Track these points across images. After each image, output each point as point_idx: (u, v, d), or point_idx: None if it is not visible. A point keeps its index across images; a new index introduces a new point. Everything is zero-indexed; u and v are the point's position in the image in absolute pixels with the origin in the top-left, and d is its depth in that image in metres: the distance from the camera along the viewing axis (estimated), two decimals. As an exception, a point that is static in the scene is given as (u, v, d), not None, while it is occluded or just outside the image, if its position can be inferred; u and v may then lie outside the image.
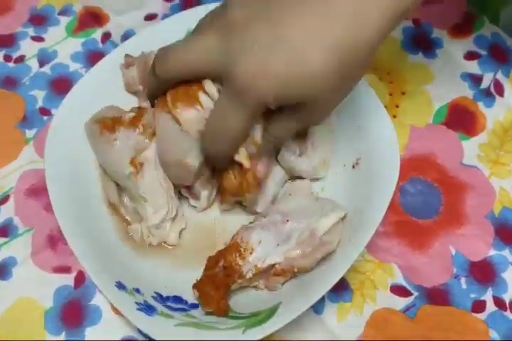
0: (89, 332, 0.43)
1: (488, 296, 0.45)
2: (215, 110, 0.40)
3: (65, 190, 0.45)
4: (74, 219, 0.44)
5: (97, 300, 0.45)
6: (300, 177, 0.47)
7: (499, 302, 0.44)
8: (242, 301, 0.43)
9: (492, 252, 0.46)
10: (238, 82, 0.37)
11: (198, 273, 0.43)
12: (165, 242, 0.46)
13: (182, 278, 0.44)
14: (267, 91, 0.37)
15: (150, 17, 0.58)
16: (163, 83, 0.42)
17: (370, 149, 0.46)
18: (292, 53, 0.36)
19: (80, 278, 0.45)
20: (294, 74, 0.36)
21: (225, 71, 0.37)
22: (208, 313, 0.41)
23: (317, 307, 0.44)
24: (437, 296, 0.45)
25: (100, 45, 0.57)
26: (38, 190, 0.49)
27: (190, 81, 0.41)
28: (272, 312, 0.40)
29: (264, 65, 0.36)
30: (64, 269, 0.46)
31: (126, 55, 0.50)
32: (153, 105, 0.45)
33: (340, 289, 0.44)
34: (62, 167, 0.46)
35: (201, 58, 0.39)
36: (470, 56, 0.55)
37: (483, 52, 0.55)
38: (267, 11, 0.37)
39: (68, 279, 0.45)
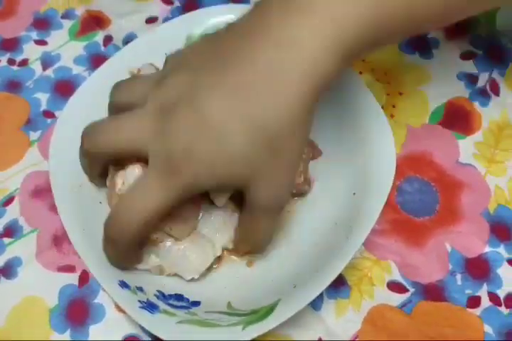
0: (93, 330, 0.44)
1: (483, 292, 0.45)
2: (136, 186, 0.39)
3: (69, 190, 0.46)
4: (78, 219, 0.45)
5: (101, 299, 0.45)
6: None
7: (494, 298, 0.45)
8: (242, 298, 0.43)
9: (487, 249, 0.47)
10: (167, 163, 0.38)
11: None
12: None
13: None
14: (193, 174, 0.37)
15: (151, 20, 0.59)
16: (95, 161, 0.43)
17: (366, 148, 0.46)
18: (214, 138, 0.37)
19: (85, 277, 0.46)
20: (217, 157, 0.37)
21: (154, 150, 0.38)
22: None
23: (315, 304, 0.44)
24: (433, 292, 0.45)
25: (102, 48, 0.57)
26: (42, 191, 0.50)
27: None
28: (271, 309, 0.40)
29: (190, 149, 0.37)
30: (68, 268, 0.47)
31: None
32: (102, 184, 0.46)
33: (338, 286, 0.45)
34: (66, 168, 0.47)
35: (132, 138, 0.39)
36: (466, 56, 0.56)
37: (479, 52, 0.56)
38: (194, 92, 0.37)
39: (73, 278, 0.46)
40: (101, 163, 0.44)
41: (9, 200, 0.50)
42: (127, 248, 0.40)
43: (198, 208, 0.44)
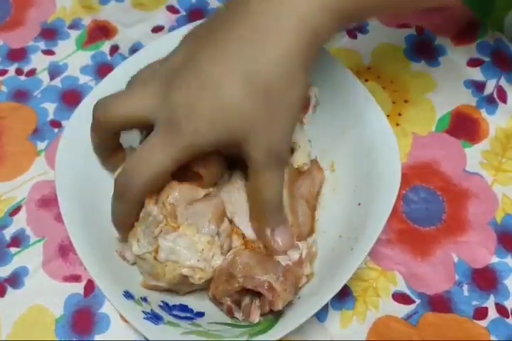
0: (99, 340, 0.45)
1: (490, 303, 0.45)
2: (144, 144, 0.40)
3: (75, 200, 0.46)
4: (83, 229, 0.45)
5: (107, 309, 0.46)
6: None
7: (501, 309, 0.45)
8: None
9: (494, 259, 0.47)
10: (169, 122, 0.38)
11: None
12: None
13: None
14: (193, 131, 0.38)
15: (157, 29, 0.59)
16: (106, 133, 0.43)
17: (370, 158, 0.46)
18: (214, 94, 0.38)
19: (90, 287, 0.46)
20: (217, 113, 0.38)
21: (160, 112, 0.39)
22: None
23: (320, 315, 0.44)
24: (440, 303, 0.45)
25: (109, 57, 0.58)
26: (49, 201, 0.50)
27: None
28: (274, 320, 0.40)
29: (191, 106, 0.38)
30: (74, 278, 0.47)
31: None
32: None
33: (343, 297, 0.45)
34: (72, 178, 0.47)
35: (141, 104, 0.40)
36: (473, 63, 0.55)
37: (486, 59, 0.55)
38: (197, 57, 0.39)
39: (78, 288, 0.47)
40: (112, 136, 0.44)
41: (16, 210, 0.50)
42: (132, 202, 0.41)
43: None
